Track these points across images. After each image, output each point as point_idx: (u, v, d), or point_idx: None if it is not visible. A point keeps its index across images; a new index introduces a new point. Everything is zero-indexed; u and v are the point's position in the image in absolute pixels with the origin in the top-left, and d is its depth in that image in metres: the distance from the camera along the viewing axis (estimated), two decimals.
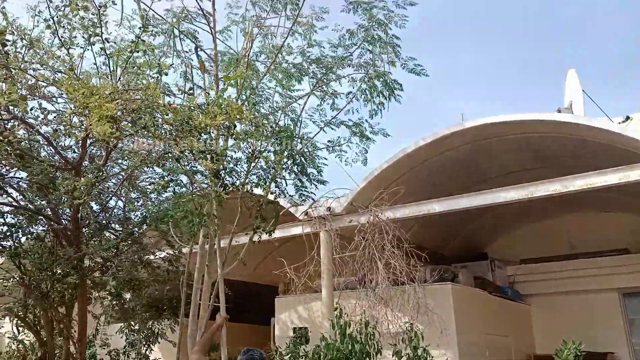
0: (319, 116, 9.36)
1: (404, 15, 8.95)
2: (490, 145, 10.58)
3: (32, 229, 8.40)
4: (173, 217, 7.08)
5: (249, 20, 9.56)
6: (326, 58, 9.10)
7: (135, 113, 5.72)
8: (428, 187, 11.34)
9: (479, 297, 11.88)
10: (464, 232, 14.91)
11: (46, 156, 7.88)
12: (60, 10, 6.28)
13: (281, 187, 8.36)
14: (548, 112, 9.66)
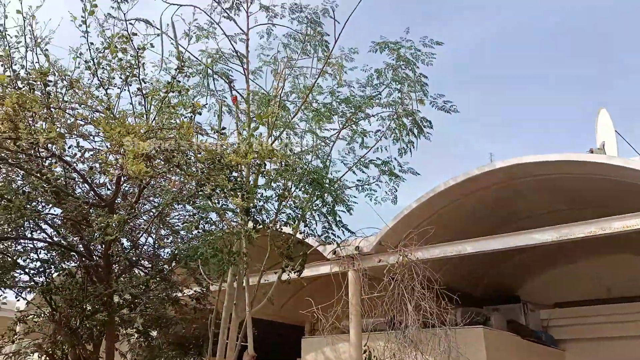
0: (349, 155, 9.43)
1: (431, 53, 9.05)
2: (521, 185, 10.43)
3: (64, 265, 8.51)
4: (203, 255, 7.09)
5: (280, 61, 9.79)
6: (355, 97, 9.20)
7: (168, 152, 5.82)
8: (458, 227, 11.18)
9: (512, 341, 11.50)
10: (495, 273, 14.57)
11: (81, 193, 8.05)
12: (100, 53, 6.51)
13: (310, 227, 8.34)
14: (580, 153, 9.52)
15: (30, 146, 5.87)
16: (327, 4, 9.07)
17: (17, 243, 8.33)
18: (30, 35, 7.05)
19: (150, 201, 9.31)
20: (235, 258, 7.13)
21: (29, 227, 8.06)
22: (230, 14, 9.10)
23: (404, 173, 9.34)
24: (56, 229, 8.24)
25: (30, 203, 7.37)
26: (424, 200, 10.17)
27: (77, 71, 6.90)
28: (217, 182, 6.06)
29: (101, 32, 6.87)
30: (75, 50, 6.69)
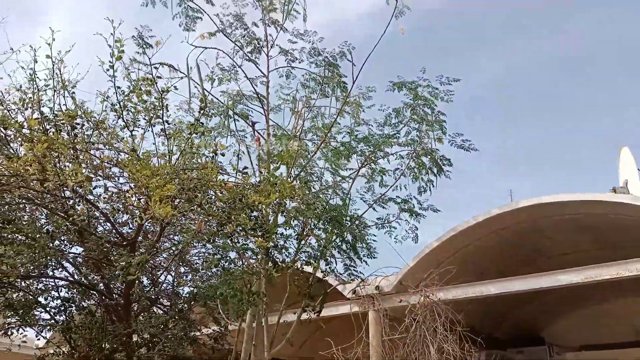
0: (367, 193, 9.42)
1: (449, 91, 9.11)
2: (543, 225, 10.31)
3: (84, 303, 8.52)
4: (222, 295, 7.07)
5: (299, 100, 9.94)
6: (373, 137, 9.25)
7: (191, 191, 5.88)
8: (480, 267, 11.02)
9: None
10: (519, 314, 14.24)
11: (103, 231, 8.11)
12: (126, 96, 6.68)
13: (331, 266, 8.30)
14: (603, 193, 9.43)
15: (56, 187, 5.97)
16: (343, 47, 9.25)
17: (39, 281, 8.38)
18: (59, 78, 7.27)
19: (171, 239, 9.35)
20: (254, 298, 7.09)
21: (51, 265, 8.12)
22: (252, 58, 9.31)
23: (424, 210, 9.29)
24: (78, 267, 8.28)
25: (53, 242, 7.45)
26: (444, 239, 10.09)
27: (103, 113, 7.07)
28: (238, 221, 6.08)
29: (127, 75, 7.06)
30: (103, 94, 6.86)
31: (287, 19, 9.57)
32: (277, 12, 9.63)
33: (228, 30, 9.40)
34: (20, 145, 6.89)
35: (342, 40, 9.34)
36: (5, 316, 8.36)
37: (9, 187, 6.25)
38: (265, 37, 9.65)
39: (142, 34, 8.08)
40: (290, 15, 9.57)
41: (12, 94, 7.47)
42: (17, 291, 8.23)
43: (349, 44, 9.23)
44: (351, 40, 9.31)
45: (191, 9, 8.93)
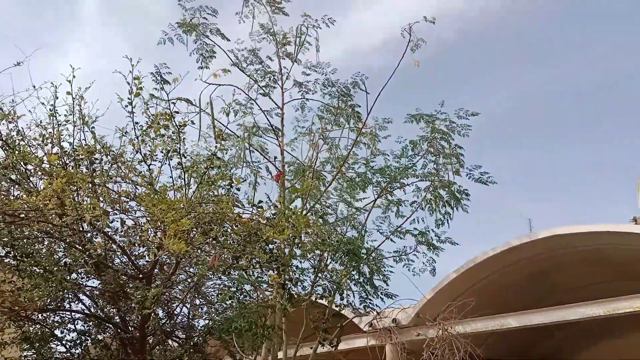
0: (384, 225, 9.36)
1: (467, 125, 9.10)
2: (563, 256, 10.15)
3: (100, 336, 8.51)
4: (237, 328, 7.02)
5: (315, 132, 9.99)
6: (389, 168, 9.24)
7: (206, 225, 5.91)
8: (498, 299, 10.83)
9: None
10: (542, 348, 13.91)
11: (119, 264, 8.15)
12: (143, 131, 6.80)
13: (347, 299, 8.22)
14: (623, 224, 9.28)
15: (74, 221, 6.04)
16: (357, 77, 9.32)
17: (55, 314, 8.41)
18: (79, 114, 7.43)
19: (186, 271, 9.35)
20: (269, 332, 7.04)
21: (68, 298, 8.15)
22: (266, 91, 9.44)
23: (442, 243, 9.18)
24: (94, 300, 8.31)
25: (70, 275, 7.50)
26: (462, 271, 9.98)
27: (121, 147, 7.19)
28: (253, 255, 6.08)
29: (145, 111, 7.19)
30: (121, 129, 6.99)
31: (300, 52, 9.70)
32: (290, 45, 9.78)
33: (243, 65, 9.56)
34: (40, 179, 7.01)
35: (356, 71, 9.44)
36: (22, 349, 8.38)
37: (28, 221, 6.33)
38: (279, 70, 9.79)
39: (160, 71, 8.23)
40: (303, 47, 9.71)
41: (32, 130, 7.65)
42: (33, 324, 8.26)
43: (361, 74, 9.29)
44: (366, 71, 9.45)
45: (206, 47, 9.10)
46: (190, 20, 9.00)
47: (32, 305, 7.36)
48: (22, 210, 6.06)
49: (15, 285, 7.34)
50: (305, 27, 9.58)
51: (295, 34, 9.63)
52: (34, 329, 8.30)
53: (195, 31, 9.01)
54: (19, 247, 7.10)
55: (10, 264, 7.26)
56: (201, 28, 9.07)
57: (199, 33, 9.06)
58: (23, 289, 7.28)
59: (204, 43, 9.14)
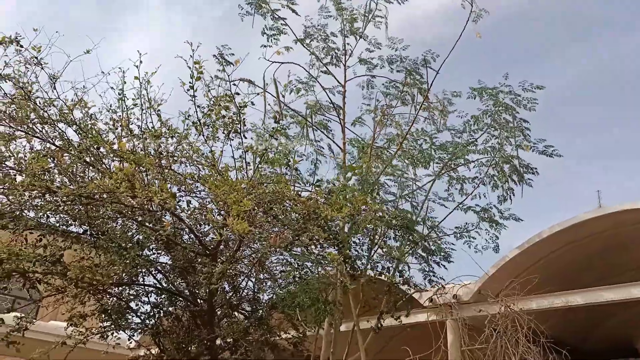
0: (445, 201, 9.27)
1: (532, 98, 8.78)
2: (632, 233, 9.72)
3: (171, 309, 8.99)
4: (300, 304, 7.25)
5: (379, 109, 9.96)
6: (451, 144, 9.10)
7: (267, 204, 6.10)
8: (564, 277, 10.55)
9: None
10: (610, 325, 13.48)
11: (187, 240, 8.54)
12: (205, 114, 7.04)
13: (405, 274, 8.26)
14: None
15: (144, 202, 6.38)
16: (426, 54, 9.16)
17: (130, 288, 8.94)
18: (145, 98, 7.77)
19: (250, 247, 9.67)
20: (331, 307, 7.22)
21: (141, 273, 8.63)
22: (328, 69, 9.46)
23: (505, 220, 9.00)
24: (165, 275, 8.76)
25: (142, 251, 7.95)
26: (526, 247, 9.77)
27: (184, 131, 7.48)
28: (312, 232, 6.23)
29: (206, 93, 7.43)
30: (184, 113, 7.26)
31: (366, 27, 9.64)
32: (357, 21, 9.73)
33: (307, 42, 9.59)
34: (112, 161, 7.43)
35: (410, 41, 9.33)
36: (101, 320, 8.98)
37: (102, 202, 6.74)
38: (343, 47, 9.77)
39: (222, 52, 8.39)
40: (371, 22, 9.63)
41: (103, 114, 8.07)
42: (111, 297, 8.82)
43: (432, 52, 9.14)
44: (420, 41, 9.28)
45: (274, 23, 9.07)
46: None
47: (108, 280, 7.88)
48: (96, 192, 6.44)
49: (93, 261, 7.88)
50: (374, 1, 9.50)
51: (364, 10, 9.54)
52: (111, 301, 8.87)
53: (268, 5, 9.02)
54: (95, 226, 7.59)
55: (88, 241, 7.78)
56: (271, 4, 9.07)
57: (268, 10, 9.06)
58: (100, 265, 7.80)
59: (275, 17, 9.09)
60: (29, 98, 7.23)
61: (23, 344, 7.54)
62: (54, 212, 6.96)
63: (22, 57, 7.32)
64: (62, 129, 7.45)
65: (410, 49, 9.56)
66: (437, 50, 9.04)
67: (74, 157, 6.95)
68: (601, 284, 8.88)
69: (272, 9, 9.05)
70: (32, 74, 7.39)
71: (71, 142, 7.35)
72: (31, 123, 7.23)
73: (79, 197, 6.48)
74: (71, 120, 7.31)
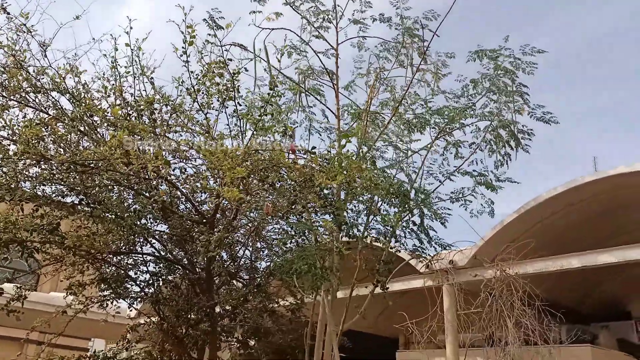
0: (441, 167, 9.21)
1: (532, 62, 8.65)
2: (626, 197, 9.75)
3: (170, 277, 9.06)
4: (297, 270, 7.29)
5: (372, 72, 9.79)
6: (448, 108, 8.99)
7: (262, 172, 6.07)
8: (561, 240, 10.63)
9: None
10: (604, 289, 13.66)
11: (184, 210, 8.55)
12: (199, 80, 6.94)
13: (401, 241, 8.27)
14: None
15: (139, 169, 6.35)
16: (426, 14, 8.93)
17: (128, 257, 8.99)
18: (138, 65, 7.67)
19: (247, 215, 9.69)
20: (327, 273, 7.26)
21: (139, 242, 8.67)
22: (320, 33, 9.27)
23: (501, 182, 8.97)
24: (163, 243, 8.80)
25: (140, 220, 7.96)
26: (522, 212, 9.81)
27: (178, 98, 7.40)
28: (307, 200, 6.22)
29: (200, 60, 7.32)
30: (177, 79, 7.17)
31: None
32: None
33: (297, 4, 9.36)
34: (106, 130, 7.37)
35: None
36: (101, 289, 9.06)
37: (98, 170, 6.71)
38: (333, 8, 9.54)
39: (213, 16, 8.22)
40: None
41: (95, 82, 7.98)
42: (109, 266, 8.87)
43: (432, 11, 8.88)
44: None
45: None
46: None
47: (106, 248, 7.91)
48: (91, 160, 6.40)
49: (90, 230, 7.89)
50: None
51: None
52: (110, 270, 8.93)
53: None
54: (91, 195, 7.57)
55: (84, 211, 7.78)
56: None
57: None
58: (97, 234, 7.82)
59: None
60: (21, 66, 7.12)
61: (23, 312, 7.61)
62: (49, 181, 6.94)
63: (13, 24, 7.21)
64: (55, 98, 7.38)
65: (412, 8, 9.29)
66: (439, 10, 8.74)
67: (68, 126, 6.89)
68: (599, 246, 8.94)
69: None
70: (23, 42, 7.29)
71: (64, 111, 7.28)
72: (24, 92, 7.15)
73: (73, 165, 6.45)
74: (64, 88, 7.22)
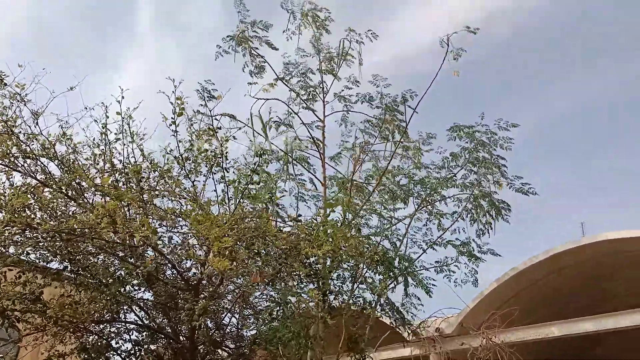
0: (424, 236, 9.37)
1: (508, 138, 9.06)
2: (613, 262, 9.92)
3: (153, 346, 8.89)
4: (281, 339, 7.26)
5: (357, 145, 10.12)
6: (430, 179, 9.27)
7: (249, 239, 6.17)
8: (545, 308, 10.68)
9: None
10: (593, 356, 13.56)
11: (169, 276, 8.53)
12: (187, 149, 7.17)
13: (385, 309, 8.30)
14: None
15: (126, 237, 6.43)
16: (406, 93, 9.33)
17: (111, 325, 8.85)
18: (128, 132, 7.89)
19: (233, 282, 9.65)
20: (311, 342, 7.23)
21: (122, 310, 8.56)
22: (308, 105, 9.64)
23: (483, 254, 9.12)
24: (147, 311, 8.70)
25: (124, 287, 7.92)
26: (505, 280, 9.91)
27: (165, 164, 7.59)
28: (293, 268, 6.30)
29: (189, 127, 7.58)
30: (166, 148, 7.39)
31: (341, 67, 9.84)
32: (334, 59, 9.96)
33: (287, 79, 9.79)
34: (93, 195, 7.47)
35: (404, 76, 9.49)
36: (81, 359, 8.84)
37: (84, 237, 6.77)
38: (320, 84, 9.97)
39: (205, 87, 8.51)
40: (347, 61, 9.85)
41: (85, 148, 8.15)
42: (91, 335, 8.71)
43: (410, 90, 9.32)
44: (414, 77, 9.45)
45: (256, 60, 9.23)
46: (243, 32, 9.18)
47: (89, 317, 7.81)
48: (77, 227, 6.47)
49: (73, 298, 7.83)
50: (348, 41, 9.72)
51: (339, 50, 9.76)
52: (91, 339, 8.76)
53: (248, 43, 9.20)
54: (76, 262, 7.57)
55: (69, 277, 7.75)
56: (253, 42, 9.24)
57: (249, 46, 9.23)
58: (81, 302, 7.74)
59: (255, 55, 9.22)
60: (12, 132, 7.29)
61: None
62: (34, 247, 6.96)
63: (7, 92, 7.45)
64: (44, 163, 7.51)
65: (394, 86, 9.74)
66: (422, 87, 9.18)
67: (55, 192, 6.99)
68: (587, 312, 9.01)
69: (251, 46, 9.24)
70: (16, 109, 7.50)
71: (52, 176, 7.40)
72: (13, 157, 7.29)
73: (59, 233, 6.51)
74: (53, 154, 7.37)
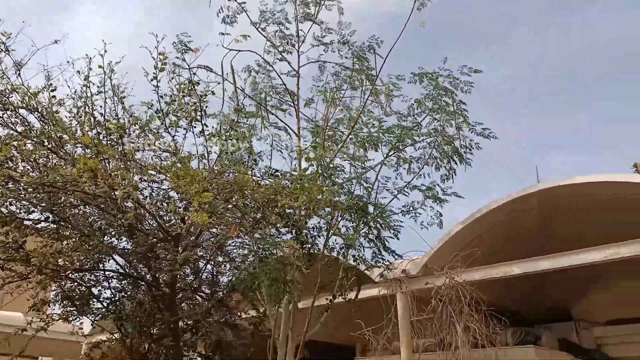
0: (393, 183, 9.81)
1: (469, 82, 9.42)
2: (564, 207, 10.55)
3: (134, 293, 9.24)
4: (259, 285, 7.66)
5: (330, 91, 10.40)
6: (397, 127, 9.62)
7: (228, 193, 6.45)
8: (506, 249, 11.34)
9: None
10: (546, 293, 14.52)
11: (150, 227, 8.78)
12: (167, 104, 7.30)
13: (359, 255, 8.79)
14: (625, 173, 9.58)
15: (107, 190, 6.61)
16: (372, 41, 9.63)
17: (92, 274, 9.12)
18: (110, 86, 7.94)
19: (210, 232, 9.97)
20: (289, 287, 7.66)
21: (103, 259, 8.82)
22: (284, 56, 9.79)
23: (447, 196, 9.63)
24: (127, 260, 8.98)
25: (105, 237, 8.16)
26: (468, 223, 10.43)
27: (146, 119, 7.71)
28: (271, 220, 6.62)
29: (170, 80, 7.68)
30: (147, 103, 7.49)
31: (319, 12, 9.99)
32: (310, 6, 10.07)
33: (263, 26, 9.87)
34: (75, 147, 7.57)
35: (374, 18, 9.76)
36: (64, 306, 9.14)
37: (65, 190, 6.92)
38: (296, 33, 10.10)
39: (182, 40, 8.49)
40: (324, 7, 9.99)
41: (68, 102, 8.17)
42: (73, 283, 8.98)
43: (377, 37, 9.62)
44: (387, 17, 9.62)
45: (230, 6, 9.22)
46: None
47: (72, 266, 8.05)
48: (59, 181, 6.61)
49: (55, 248, 8.04)
50: None
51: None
52: (73, 287, 9.03)
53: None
54: (58, 213, 7.73)
55: (50, 228, 7.93)
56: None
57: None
58: (63, 252, 7.97)
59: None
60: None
61: None
62: (16, 199, 7.09)
63: None
64: (23, 116, 7.54)
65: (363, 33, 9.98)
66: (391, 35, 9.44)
67: (37, 144, 7.06)
68: (543, 254, 9.59)
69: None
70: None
71: (33, 129, 7.45)
72: None
73: (42, 186, 6.64)
74: (33, 107, 7.39)
